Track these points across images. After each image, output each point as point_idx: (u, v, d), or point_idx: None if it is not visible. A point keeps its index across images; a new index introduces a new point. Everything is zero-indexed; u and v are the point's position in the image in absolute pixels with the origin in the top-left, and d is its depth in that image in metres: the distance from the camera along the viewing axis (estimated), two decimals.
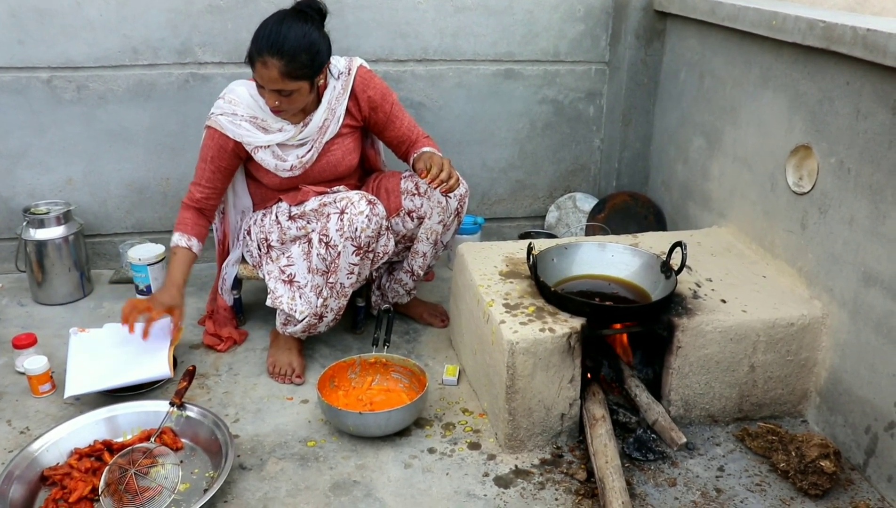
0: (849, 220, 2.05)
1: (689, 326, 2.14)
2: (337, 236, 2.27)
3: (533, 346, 2.03)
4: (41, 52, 2.87)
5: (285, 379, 2.46)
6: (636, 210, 3.18)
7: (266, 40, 2.18)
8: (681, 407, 2.23)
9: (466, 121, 3.23)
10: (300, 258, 2.41)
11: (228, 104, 2.37)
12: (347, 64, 2.45)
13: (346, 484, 2.02)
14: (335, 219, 2.28)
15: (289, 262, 2.43)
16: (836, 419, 2.15)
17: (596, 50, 3.24)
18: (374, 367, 2.39)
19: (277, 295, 2.42)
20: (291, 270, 2.42)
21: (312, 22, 2.26)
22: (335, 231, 2.27)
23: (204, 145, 2.42)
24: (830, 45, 2.02)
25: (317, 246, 2.31)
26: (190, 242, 2.43)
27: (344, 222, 2.26)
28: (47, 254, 2.91)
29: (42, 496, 1.95)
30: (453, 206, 2.48)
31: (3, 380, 2.44)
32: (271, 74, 2.20)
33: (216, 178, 2.44)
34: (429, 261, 2.60)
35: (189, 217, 2.45)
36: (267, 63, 2.18)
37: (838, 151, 2.08)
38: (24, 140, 2.98)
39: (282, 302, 2.41)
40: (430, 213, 2.48)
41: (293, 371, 2.47)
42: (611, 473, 1.91)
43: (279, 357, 2.50)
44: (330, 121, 2.42)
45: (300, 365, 2.49)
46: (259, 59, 2.19)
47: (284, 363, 2.48)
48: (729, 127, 2.64)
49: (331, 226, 2.28)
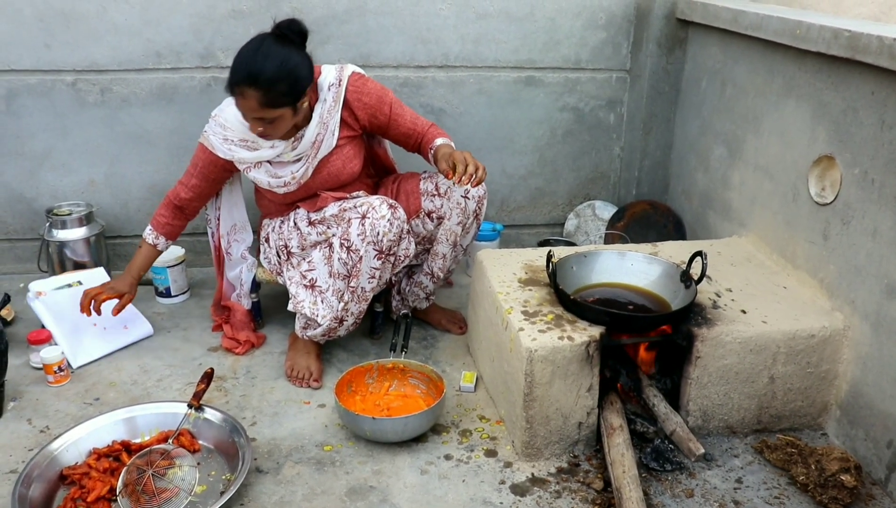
0: (872, 232, 2.03)
1: (709, 336, 2.12)
2: (359, 240, 2.27)
3: (551, 354, 2.03)
4: (66, 56, 2.90)
5: (303, 383, 2.47)
6: (656, 219, 3.16)
7: (243, 70, 2.13)
8: (699, 418, 2.21)
9: (487, 128, 3.23)
10: (321, 263, 2.42)
11: (220, 127, 2.38)
12: (338, 74, 2.38)
13: (363, 489, 2.02)
14: (356, 224, 2.28)
15: (310, 267, 2.44)
16: (857, 432, 2.13)
17: (617, 58, 3.23)
18: (391, 373, 2.39)
19: (299, 300, 2.43)
20: (313, 275, 2.43)
21: (292, 45, 2.20)
22: (357, 235, 2.27)
23: (196, 155, 2.48)
24: (856, 55, 2.00)
25: (338, 250, 2.31)
26: (157, 240, 2.54)
27: (366, 227, 2.27)
28: (69, 255, 2.94)
29: (61, 495, 1.96)
30: (472, 208, 2.46)
31: (22, 379, 2.47)
32: (250, 105, 2.16)
33: (203, 186, 2.51)
34: (448, 264, 2.60)
35: (166, 215, 2.53)
36: (245, 94, 2.14)
37: (862, 162, 2.06)
38: (48, 142, 3.01)
39: (304, 307, 2.42)
40: (450, 214, 2.47)
41: (311, 375, 2.47)
42: (628, 483, 1.90)
43: (297, 360, 2.51)
44: (323, 136, 2.37)
45: (318, 369, 2.50)
46: (237, 89, 2.15)
47: (302, 367, 2.49)
48: (751, 136, 2.62)
49: (352, 230, 2.28)
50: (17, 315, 2.83)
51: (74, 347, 2.56)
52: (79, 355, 2.55)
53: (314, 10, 2.95)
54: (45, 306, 2.59)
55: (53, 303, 2.62)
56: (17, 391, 2.41)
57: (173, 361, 2.59)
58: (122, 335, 2.67)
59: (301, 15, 2.94)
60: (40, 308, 2.59)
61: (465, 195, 2.43)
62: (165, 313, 2.91)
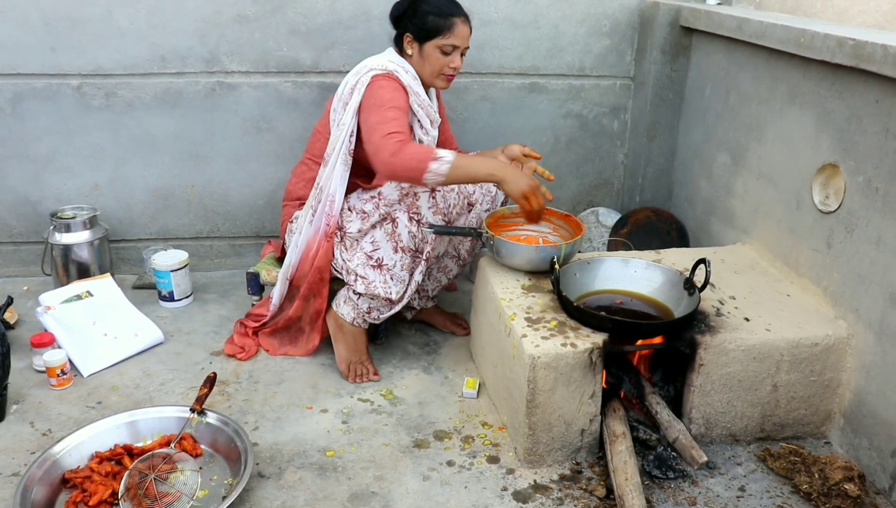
0: (876, 240, 2.03)
1: (712, 344, 2.12)
2: (430, 213, 2.36)
3: (554, 361, 2.02)
4: (72, 60, 2.91)
5: (363, 379, 2.52)
6: (659, 226, 3.16)
7: (456, 4, 2.41)
8: (702, 426, 2.21)
9: (490, 135, 3.24)
10: (384, 240, 2.42)
11: (397, 66, 2.41)
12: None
13: (364, 495, 2.01)
14: (426, 197, 2.35)
15: (374, 247, 2.43)
16: (861, 441, 2.12)
17: (621, 65, 3.23)
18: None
19: (370, 281, 2.43)
20: (378, 254, 2.43)
21: None
22: (428, 208, 2.35)
23: (389, 96, 2.33)
24: (860, 63, 2.00)
25: (406, 224, 2.37)
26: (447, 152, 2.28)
27: (437, 199, 2.35)
28: (73, 258, 2.95)
29: (63, 498, 1.96)
30: (500, 197, 2.59)
31: (25, 382, 2.47)
32: (467, 32, 2.42)
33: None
34: (477, 249, 2.70)
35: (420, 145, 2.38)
36: (465, 21, 2.41)
37: (866, 170, 2.06)
38: (53, 145, 3.02)
39: (376, 287, 2.43)
40: (481, 200, 2.56)
41: (369, 370, 2.53)
42: (630, 490, 1.90)
43: (350, 358, 2.55)
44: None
45: (371, 363, 2.56)
46: (458, 19, 2.39)
47: (357, 363, 2.54)
48: (754, 144, 2.62)
49: (421, 204, 2.35)
50: (20, 318, 2.84)
51: (86, 357, 2.55)
52: (90, 364, 2.54)
53: (319, 16, 2.96)
54: (54, 319, 2.59)
55: (62, 316, 2.61)
56: (19, 394, 2.41)
57: (176, 365, 2.59)
58: (132, 342, 2.66)
59: (306, 20, 2.95)
60: (50, 322, 2.59)
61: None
62: (168, 317, 2.90)
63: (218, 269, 3.30)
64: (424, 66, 2.44)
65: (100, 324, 2.65)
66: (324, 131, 2.52)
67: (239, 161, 3.14)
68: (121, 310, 2.75)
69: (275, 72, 3.02)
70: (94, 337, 2.60)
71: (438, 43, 2.39)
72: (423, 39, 2.40)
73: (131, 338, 2.66)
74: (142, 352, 2.66)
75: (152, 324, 2.75)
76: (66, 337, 2.56)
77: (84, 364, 2.53)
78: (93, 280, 2.83)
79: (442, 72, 2.44)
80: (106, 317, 2.68)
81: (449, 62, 2.42)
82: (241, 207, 3.22)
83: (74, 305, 2.67)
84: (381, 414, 2.36)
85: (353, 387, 2.48)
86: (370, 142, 2.29)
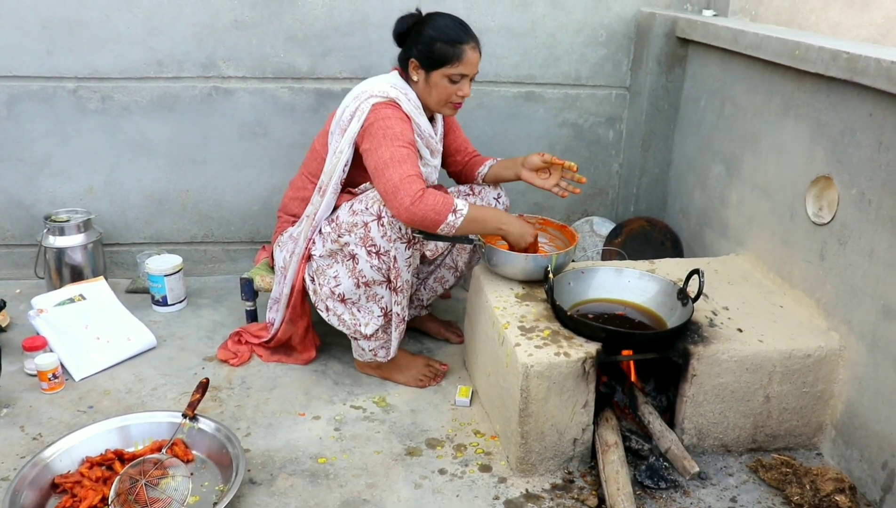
0: (869, 252, 2.04)
1: (705, 354, 2.12)
2: (384, 242, 2.25)
3: (547, 370, 2.02)
4: (69, 63, 2.91)
5: (435, 381, 2.56)
6: (653, 236, 3.17)
7: (468, 29, 2.30)
8: (694, 436, 2.21)
9: (486, 143, 3.24)
10: (346, 276, 2.34)
11: (399, 93, 2.32)
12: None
13: (356, 503, 2.01)
14: (375, 227, 2.24)
15: (336, 282, 2.37)
16: (852, 453, 2.13)
17: (617, 75, 3.24)
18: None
19: (339, 313, 2.41)
20: (340, 290, 2.37)
21: None
22: (381, 238, 2.24)
23: (400, 129, 2.25)
24: (854, 77, 2.01)
25: (366, 258, 2.27)
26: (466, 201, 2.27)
27: (385, 226, 2.24)
28: (66, 262, 2.94)
29: (52, 503, 1.95)
30: (501, 209, 2.58)
31: (16, 386, 2.46)
32: (477, 59, 2.32)
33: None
34: (474, 261, 2.66)
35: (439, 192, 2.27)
36: (476, 48, 2.30)
37: (860, 183, 2.07)
38: (48, 148, 3.02)
39: (345, 321, 2.41)
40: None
41: (434, 371, 2.57)
42: (622, 500, 1.90)
43: (413, 372, 2.55)
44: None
45: (429, 363, 2.59)
46: (469, 45, 2.28)
47: (420, 376, 2.55)
48: (749, 155, 2.63)
49: (374, 234, 2.24)
50: (12, 321, 2.83)
51: (78, 361, 2.54)
52: (82, 368, 2.53)
53: (316, 23, 2.97)
54: (46, 323, 2.59)
55: (55, 320, 2.61)
56: (10, 397, 2.40)
57: (168, 370, 2.58)
58: (125, 347, 2.65)
59: (304, 27, 2.96)
60: (42, 325, 2.59)
61: (496, 198, 2.59)
62: (161, 322, 2.90)
63: (212, 274, 3.30)
64: (431, 93, 2.34)
65: (92, 328, 2.64)
66: (322, 151, 2.44)
67: (234, 166, 3.14)
68: (114, 314, 2.74)
69: (271, 78, 3.03)
70: (86, 341, 2.60)
71: (446, 72, 2.29)
72: (429, 68, 2.30)
73: (124, 343, 2.66)
74: (134, 357, 2.65)
75: (145, 329, 2.74)
76: (59, 341, 2.55)
77: (76, 368, 2.52)
78: (86, 283, 2.82)
79: (450, 100, 2.35)
80: (99, 321, 2.68)
81: (457, 90, 2.32)
82: (236, 212, 3.22)
83: (67, 308, 2.67)
84: (373, 421, 2.35)
85: (346, 394, 2.48)
86: (382, 177, 2.18)
